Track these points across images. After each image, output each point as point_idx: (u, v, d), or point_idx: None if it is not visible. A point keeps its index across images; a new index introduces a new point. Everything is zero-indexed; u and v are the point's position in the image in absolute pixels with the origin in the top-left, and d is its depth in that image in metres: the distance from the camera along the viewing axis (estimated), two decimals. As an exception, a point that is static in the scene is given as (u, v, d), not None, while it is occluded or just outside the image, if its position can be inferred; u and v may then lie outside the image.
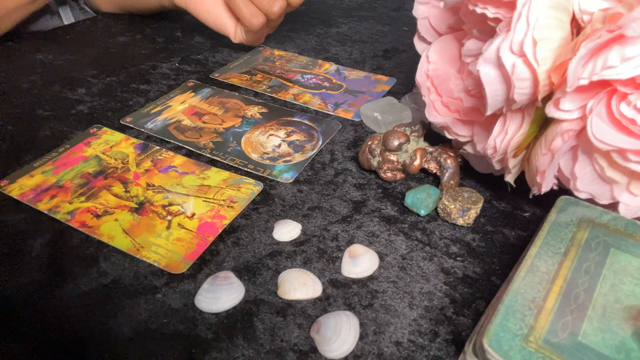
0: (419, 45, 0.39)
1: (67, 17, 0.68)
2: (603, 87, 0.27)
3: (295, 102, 0.49)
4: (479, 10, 0.30)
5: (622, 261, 0.26)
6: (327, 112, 0.48)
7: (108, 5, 0.69)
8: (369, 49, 0.62)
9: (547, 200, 0.32)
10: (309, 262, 0.32)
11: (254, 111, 0.48)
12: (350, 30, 0.67)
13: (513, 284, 0.25)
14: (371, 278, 0.31)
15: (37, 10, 0.60)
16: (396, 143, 0.37)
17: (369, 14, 0.73)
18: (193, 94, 0.50)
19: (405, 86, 0.53)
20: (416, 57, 0.38)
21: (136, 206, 0.35)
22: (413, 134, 0.39)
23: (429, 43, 0.38)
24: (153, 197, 0.36)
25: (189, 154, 0.41)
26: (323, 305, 0.29)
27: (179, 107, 0.48)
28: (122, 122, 0.45)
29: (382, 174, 0.38)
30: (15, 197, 0.36)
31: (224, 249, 0.32)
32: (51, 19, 0.66)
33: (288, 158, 0.41)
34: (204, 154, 0.41)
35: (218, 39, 0.63)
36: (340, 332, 0.26)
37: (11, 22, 0.56)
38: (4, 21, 0.55)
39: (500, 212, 0.36)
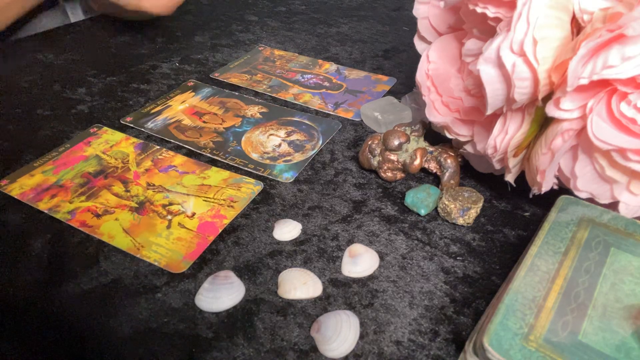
0: (419, 45, 0.39)
1: (74, 13, 0.68)
2: (603, 86, 0.27)
3: (295, 102, 0.49)
4: (479, 9, 0.30)
5: (622, 260, 0.26)
6: (327, 111, 0.48)
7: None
8: (369, 49, 0.62)
9: (547, 200, 0.32)
10: (309, 261, 0.32)
11: (254, 111, 0.48)
12: (350, 30, 0.67)
13: (513, 283, 0.25)
14: (371, 277, 0.31)
15: (43, 6, 0.59)
16: (396, 143, 0.37)
17: (369, 14, 0.73)
18: (193, 93, 0.50)
19: (405, 86, 0.53)
20: (416, 57, 0.38)
21: (136, 206, 0.35)
22: (413, 134, 0.39)
23: (429, 43, 0.38)
24: (153, 196, 0.36)
25: (189, 154, 0.41)
26: (323, 304, 0.29)
27: (179, 107, 0.48)
28: (122, 122, 0.45)
29: (382, 174, 0.38)
30: (16, 197, 0.36)
31: (224, 249, 0.32)
32: (58, 15, 0.66)
33: (288, 158, 0.41)
34: (204, 153, 0.41)
35: (218, 39, 0.63)
36: (340, 332, 0.26)
37: (7, 18, 0.55)
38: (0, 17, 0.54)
39: (501, 211, 0.36)
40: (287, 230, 0.33)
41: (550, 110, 0.28)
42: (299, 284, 0.29)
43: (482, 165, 0.38)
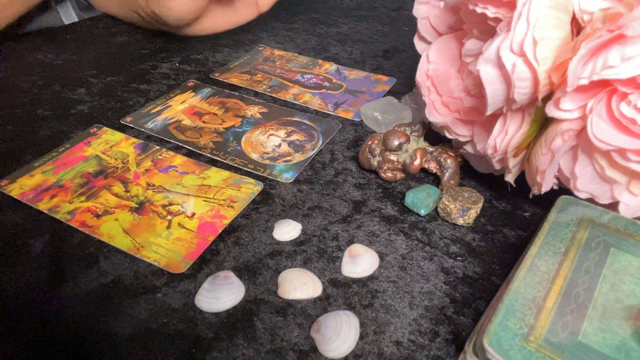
0: (419, 45, 0.39)
1: (66, 14, 0.68)
2: (603, 86, 0.27)
3: (295, 102, 0.49)
4: (479, 10, 0.30)
5: (622, 261, 0.26)
6: (327, 111, 0.48)
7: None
8: (369, 49, 0.62)
9: (547, 200, 0.32)
10: (309, 261, 0.32)
11: (254, 111, 0.48)
12: (350, 30, 0.67)
13: (513, 284, 0.25)
14: (371, 278, 0.31)
15: (36, 8, 0.59)
16: (396, 143, 0.37)
17: (369, 14, 0.73)
18: (193, 93, 0.50)
19: (405, 86, 0.53)
20: (416, 57, 0.38)
21: (136, 206, 0.35)
22: (413, 134, 0.39)
23: (429, 43, 0.38)
24: (153, 196, 0.36)
25: (189, 154, 0.41)
26: (323, 304, 0.29)
27: (179, 107, 0.48)
28: (122, 122, 0.45)
29: (382, 174, 0.38)
30: (16, 197, 0.36)
31: (224, 249, 0.32)
32: (50, 16, 0.66)
33: (288, 158, 0.41)
34: (204, 153, 0.41)
35: (218, 39, 0.63)
36: (340, 332, 0.26)
37: (6, 17, 0.55)
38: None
39: (501, 211, 0.36)
40: (287, 231, 0.33)
41: (550, 111, 0.28)
42: (299, 284, 0.29)
43: (482, 166, 0.38)
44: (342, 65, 0.57)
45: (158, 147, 0.42)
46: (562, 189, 0.33)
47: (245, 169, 0.40)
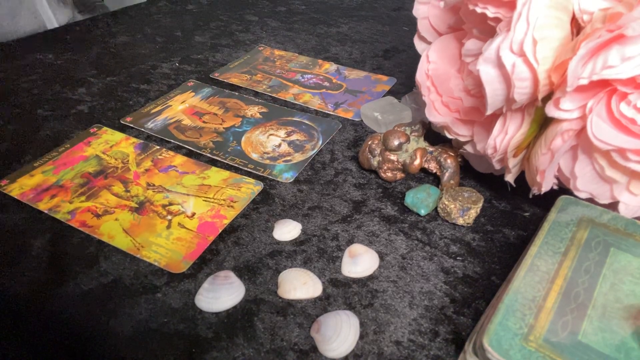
0: (419, 45, 0.39)
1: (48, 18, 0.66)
2: (603, 86, 0.27)
3: (295, 102, 0.50)
4: (479, 10, 0.30)
5: (622, 260, 0.26)
6: (327, 111, 0.48)
7: None
8: (369, 49, 0.62)
9: (547, 200, 0.32)
10: (309, 261, 0.32)
11: (254, 111, 0.48)
12: (350, 30, 0.67)
13: (513, 283, 0.25)
14: (371, 277, 0.31)
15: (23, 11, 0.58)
16: (396, 143, 0.37)
17: (369, 14, 0.73)
18: (193, 93, 0.50)
19: (405, 86, 0.53)
20: (416, 57, 0.38)
21: (136, 206, 0.35)
22: (413, 134, 0.39)
23: (429, 43, 0.38)
24: (153, 196, 0.36)
25: (189, 154, 0.41)
26: (323, 304, 0.29)
27: (179, 107, 0.48)
28: (122, 122, 0.45)
29: (382, 174, 0.38)
30: (16, 197, 0.36)
31: (224, 249, 0.32)
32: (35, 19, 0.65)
33: (288, 158, 0.41)
34: (204, 153, 0.41)
35: (218, 39, 0.63)
36: (340, 332, 0.26)
37: None
38: None
39: (500, 211, 0.36)
40: (287, 231, 0.33)
41: (550, 111, 0.28)
42: (299, 284, 0.29)
43: (482, 165, 0.38)
44: (342, 65, 0.57)
45: (158, 147, 0.42)
46: (562, 189, 0.33)
47: (245, 168, 0.40)
